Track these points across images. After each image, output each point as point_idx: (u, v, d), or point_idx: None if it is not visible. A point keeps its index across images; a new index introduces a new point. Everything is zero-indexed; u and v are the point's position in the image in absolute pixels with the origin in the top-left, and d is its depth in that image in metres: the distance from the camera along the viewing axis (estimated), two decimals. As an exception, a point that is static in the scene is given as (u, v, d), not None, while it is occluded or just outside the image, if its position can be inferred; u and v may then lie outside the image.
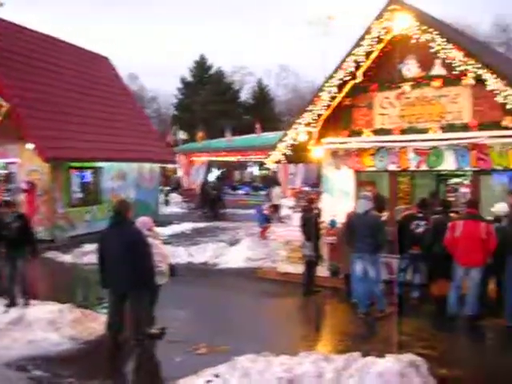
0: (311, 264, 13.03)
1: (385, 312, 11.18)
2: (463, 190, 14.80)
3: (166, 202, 37.45)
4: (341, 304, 12.41)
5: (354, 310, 11.54)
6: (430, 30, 13.31)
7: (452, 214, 11.97)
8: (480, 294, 10.77)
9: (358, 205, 11.56)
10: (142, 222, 9.50)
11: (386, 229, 11.74)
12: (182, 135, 46.17)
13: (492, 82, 12.60)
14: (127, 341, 8.68)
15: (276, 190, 29.05)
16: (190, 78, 70.67)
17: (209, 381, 7.29)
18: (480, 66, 12.79)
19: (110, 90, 28.61)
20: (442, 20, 16.61)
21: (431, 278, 11.85)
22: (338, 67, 14.62)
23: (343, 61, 14.57)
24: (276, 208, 22.78)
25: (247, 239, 19.81)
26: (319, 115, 15.02)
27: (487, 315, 10.97)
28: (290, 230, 15.04)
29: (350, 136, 15.00)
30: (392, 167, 14.41)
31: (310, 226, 12.43)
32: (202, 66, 70.50)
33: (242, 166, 59.11)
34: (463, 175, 14.79)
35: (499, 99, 12.62)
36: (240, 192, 47.92)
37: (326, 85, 14.80)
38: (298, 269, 13.82)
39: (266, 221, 21.13)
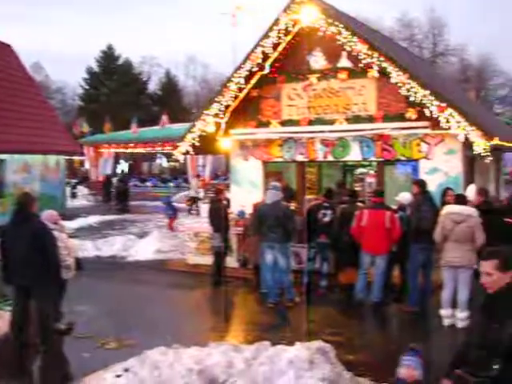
0: (220, 255, 12.97)
1: (294, 301, 11.26)
2: (369, 179, 15.14)
3: (73, 195, 36.52)
4: (250, 294, 12.43)
5: (264, 300, 11.57)
6: (336, 23, 13.48)
7: (358, 204, 12.19)
8: (385, 281, 11.02)
9: (267, 195, 11.59)
10: (47, 215, 9.12)
11: (295, 218, 11.83)
12: (87, 127, 45.03)
13: (395, 75, 12.89)
14: (33, 338, 8.34)
15: (194, 182, 28.85)
16: (96, 69, 69.00)
17: (118, 375, 7.08)
18: (384, 59, 13.05)
19: (12, 79, 27.41)
20: (348, 14, 16.87)
21: (339, 267, 12.03)
22: (246, 58, 14.56)
23: (251, 52, 14.52)
24: (194, 200, 22.61)
25: (156, 231, 19.61)
26: (227, 106, 14.94)
27: (392, 301, 11.27)
28: (196, 221, 14.94)
29: (257, 127, 15.03)
30: (300, 158, 14.57)
31: (218, 217, 12.38)
32: (109, 57, 68.98)
33: (151, 157, 58.38)
34: (369, 165, 15.14)
35: (402, 92, 12.92)
36: (148, 184, 47.29)
37: (235, 76, 14.72)
38: (208, 260, 13.76)
39: (173, 212, 20.95)
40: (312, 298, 11.16)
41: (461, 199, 10.06)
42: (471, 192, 12.76)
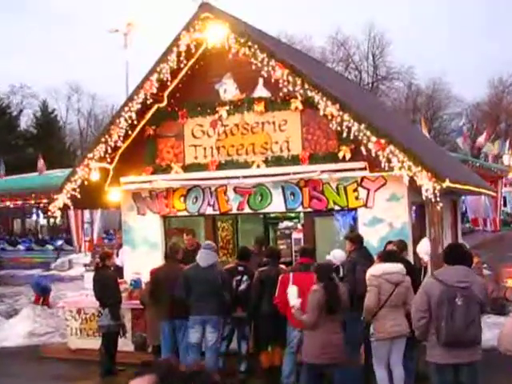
0: (110, 336, 12.73)
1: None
2: (296, 235, 15.21)
3: None
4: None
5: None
6: (250, 43, 13.62)
7: (281, 266, 12.23)
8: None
9: (200, 257, 11.47)
10: None
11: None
12: None
13: (323, 106, 13.11)
14: None
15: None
16: None
17: None
18: (309, 86, 13.24)
19: None
20: (266, 32, 17.19)
21: (260, 345, 11.98)
22: (139, 87, 14.58)
23: (145, 79, 14.54)
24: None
25: (29, 308, 19.08)
26: (116, 148, 14.90)
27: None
28: (81, 294, 14.68)
29: (155, 173, 15.01)
30: (209, 210, 14.62)
31: (106, 288, 12.19)
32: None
33: (24, 213, 57.19)
34: (295, 218, 15.25)
35: (333, 126, 13.18)
36: (21, 247, 46.14)
37: (125, 109, 14.69)
38: (95, 343, 13.49)
39: (42, 291, 20.69)
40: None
41: (393, 255, 10.27)
42: (425, 247, 13.09)
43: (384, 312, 9.86)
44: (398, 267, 10.02)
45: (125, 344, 13.35)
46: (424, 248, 13.14)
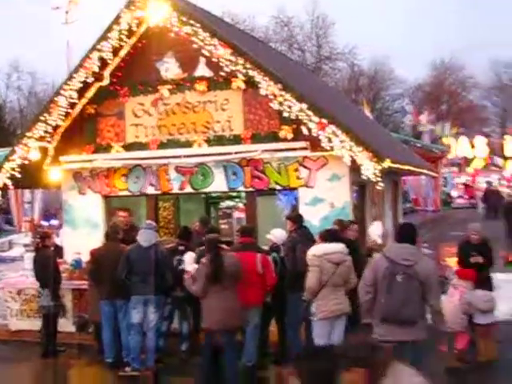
0: (50, 317, 12.62)
1: (152, 369, 11.21)
2: (237, 214, 15.23)
3: None
4: (91, 365, 12.17)
5: (109, 370, 11.41)
6: (192, 21, 13.53)
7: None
8: (260, 339, 11.10)
9: (141, 236, 11.39)
10: None
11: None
12: None
13: (265, 86, 13.11)
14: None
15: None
16: None
17: None
18: (251, 66, 13.24)
19: None
20: (210, 11, 17.10)
21: (200, 325, 11.96)
22: (80, 66, 14.39)
23: (86, 58, 14.37)
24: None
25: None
26: (56, 127, 14.70)
27: (270, 363, 11.39)
28: (22, 275, 14.49)
29: (95, 152, 14.87)
30: (150, 190, 14.54)
31: (46, 268, 12.08)
32: None
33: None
34: (237, 197, 15.26)
35: (275, 106, 13.20)
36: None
37: (65, 88, 14.49)
38: (35, 324, 13.37)
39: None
40: (171, 365, 11.16)
41: (335, 235, 10.37)
42: (377, 230, 13.24)
43: (326, 291, 9.93)
44: (339, 247, 10.10)
45: (65, 325, 13.25)
46: (376, 230, 13.32)
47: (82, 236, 14.73)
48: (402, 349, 7.75)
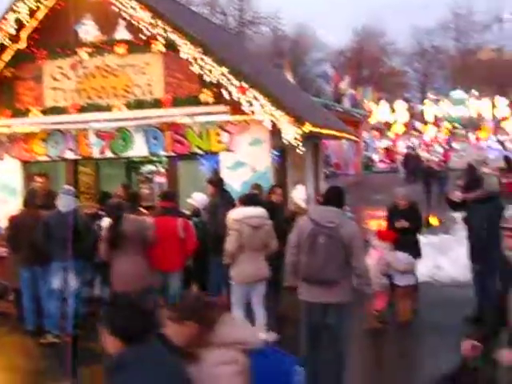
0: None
1: (75, 334, 11.12)
2: (159, 179, 15.14)
3: None
4: (11, 333, 12.00)
5: (30, 338, 11.28)
6: (110, -17, 13.33)
7: (142, 210, 12.14)
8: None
9: (59, 202, 11.18)
10: None
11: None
12: None
13: (186, 50, 13.03)
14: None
15: None
16: None
17: None
18: (171, 29, 13.14)
19: None
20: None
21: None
22: (-5, 28, 14.02)
23: (1, 19, 14.06)
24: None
25: None
26: (-28, 90, 14.32)
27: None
28: None
29: (13, 117, 14.57)
30: (70, 155, 14.35)
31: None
32: None
33: None
34: (158, 162, 15.17)
35: (195, 70, 13.12)
36: None
37: (-19, 50, 14.13)
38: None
39: None
40: (92, 331, 11.04)
41: (254, 199, 10.33)
42: (300, 194, 13.30)
43: (244, 256, 9.90)
44: (258, 211, 10.04)
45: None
46: (299, 194, 13.38)
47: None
48: (325, 310, 7.81)
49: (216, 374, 4.35)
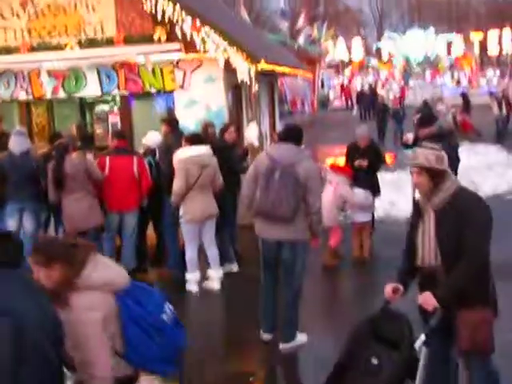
0: None
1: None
2: (113, 119, 15.00)
3: None
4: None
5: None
6: None
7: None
8: (136, 243, 11.16)
9: (12, 143, 11.02)
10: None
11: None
12: None
13: (138, -14, 12.80)
14: None
15: None
16: None
17: None
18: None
19: None
20: None
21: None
22: None
23: None
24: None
25: None
26: None
27: (148, 267, 11.51)
28: None
29: (-38, 57, 14.17)
30: (22, 95, 14.14)
31: None
32: None
33: None
34: (112, 101, 15.04)
35: (147, 8, 12.93)
36: None
37: None
38: None
39: None
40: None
41: (198, 139, 10.31)
42: (253, 132, 13.29)
43: (193, 194, 9.98)
44: (203, 149, 10.10)
45: None
46: (252, 132, 13.38)
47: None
48: (280, 247, 7.91)
49: (84, 320, 4.34)
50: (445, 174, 5.19)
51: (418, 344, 4.79)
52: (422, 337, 4.81)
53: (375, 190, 11.85)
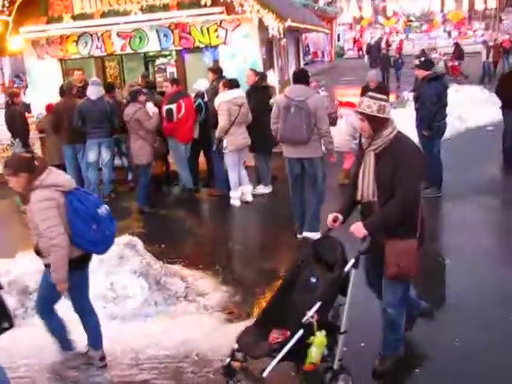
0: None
1: (110, 196, 11.26)
2: (170, 69, 14.98)
3: None
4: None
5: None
6: None
7: (157, 95, 12.00)
8: (192, 167, 11.22)
9: (89, 91, 11.04)
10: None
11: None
12: None
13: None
14: None
15: None
16: None
17: None
18: None
19: None
20: None
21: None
22: None
23: None
24: None
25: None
26: (12, 1, 13.75)
27: (201, 186, 11.64)
28: None
29: (49, 23, 14.04)
30: (97, 52, 14.07)
31: (16, 122, 11.72)
32: None
33: None
34: (169, 55, 14.94)
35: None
36: None
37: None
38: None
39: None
40: (122, 193, 11.24)
41: (235, 83, 10.36)
42: (272, 76, 13.20)
43: (234, 129, 10.15)
44: (239, 92, 10.30)
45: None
46: (272, 77, 13.27)
47: (43, 93, 14.19)
48: (302, 163, 8.27)
49: (36, 209, 5.00)
50: (386, 122, 4.73)
51: (348, 266, 4.60)
52: (352, 260, 4.62)
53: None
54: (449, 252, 7.75)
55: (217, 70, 11.27)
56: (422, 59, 12.12)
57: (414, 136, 10.81)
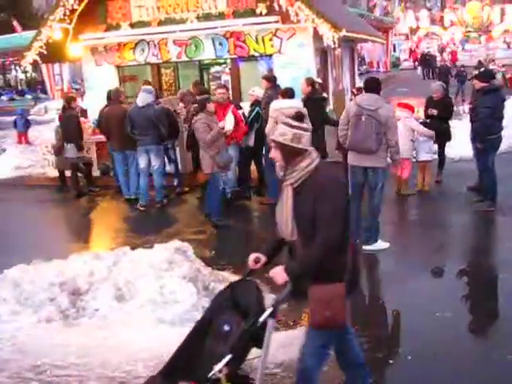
0: (76, 166, 12.65)
1: (162, 203, 11.35)
2: (225, 77, 15.12)
3: None
4: (114, 201, 12.31)
5: (129, 205, 11.56)
6: None
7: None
8: (243, 175, 11.28)
9: (138, 98, 11.24)
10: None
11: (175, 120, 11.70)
12: None
13: (243, -30, 12.72)
14: None
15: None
16: None
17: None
18: None
19: None
20: None
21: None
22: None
23: None
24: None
25: (14, 147, 18.70)
26: (73, 10, 14.19)
27: (252, 194, 11.67)
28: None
29: (107, 30, 14.46)
30: (153, 60, 14.33)
31: (71, 126, 11.99)
32: None
33: (4, 69, 55.05)
34: (224, 63, 15.09)
35: (252, -14, 12.80)
36: (4, 98, 44.67)
37: (77, -25, 13.91)
38: (67, 172, 13.39)
39: (25, 126, 20.02)
40: (172, 200, 11.40)
41: (290, 93, 10.24)
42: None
43: None
44: (293, 102, 10.05)
45: (93, 171, 13.32)
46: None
47: (100, 99, 14.48)
48: (365, 172, 8.26)
49: None
50: (302, 153, 4.13)
51: (264, 316, 4.08)
52: (269, 309, 4.08)
53: (447, 136, 11.59)
54: (503, 267, 7.59)
55: (271, 79, 11.31)
56: (482, 69, 11.94)
57: (469, 149, 10.75)
